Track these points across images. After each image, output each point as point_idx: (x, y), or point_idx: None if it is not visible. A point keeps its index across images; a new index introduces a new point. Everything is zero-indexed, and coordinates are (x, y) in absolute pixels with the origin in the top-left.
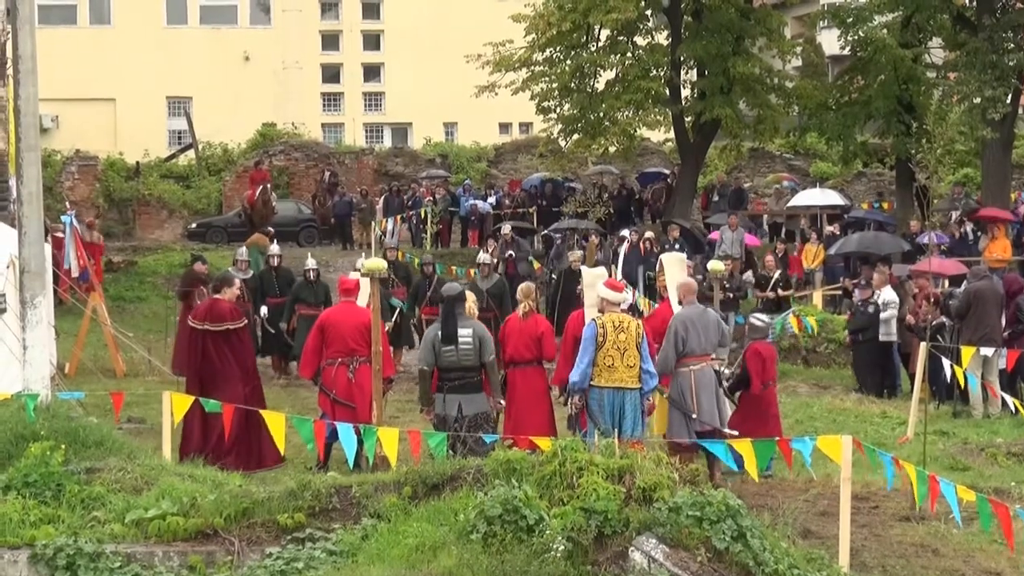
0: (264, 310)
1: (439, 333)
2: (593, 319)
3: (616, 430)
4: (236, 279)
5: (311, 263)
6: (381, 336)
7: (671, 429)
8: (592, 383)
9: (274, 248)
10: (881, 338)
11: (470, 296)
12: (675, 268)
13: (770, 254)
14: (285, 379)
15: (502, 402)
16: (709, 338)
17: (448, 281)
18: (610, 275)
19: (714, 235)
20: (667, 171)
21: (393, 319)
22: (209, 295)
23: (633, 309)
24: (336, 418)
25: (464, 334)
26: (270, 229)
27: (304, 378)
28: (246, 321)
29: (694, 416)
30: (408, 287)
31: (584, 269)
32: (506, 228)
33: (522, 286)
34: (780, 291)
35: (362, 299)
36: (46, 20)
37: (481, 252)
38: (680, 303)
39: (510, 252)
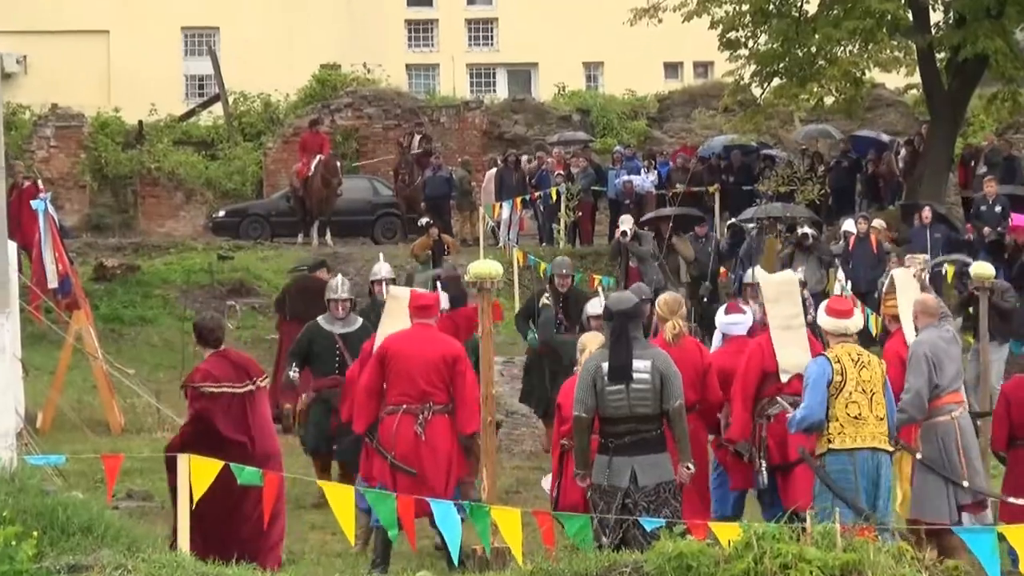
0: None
1: (603, 365)
2: (824, 354)
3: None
4: (224, 325)
5: (383, 270)
6: (487, 375)
7: (922, 503)
8: (832, 446)
9: (382, 269)
10: None
11: (597, 338)
12: (911, 287)
13: None
14: None
15: (691, 467)
16: (960, 371)
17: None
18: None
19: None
20: (887, 137)
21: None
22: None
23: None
24: (396, 491)
25: (640, 367)
26: (431, 227)
27: (356, 432)
28: (268, 379)
29: (965, 484)
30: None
31: (761, 275)
32: (626, 223)
33: (665, 298)
34: None
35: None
36: None
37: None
38: (916, 329)
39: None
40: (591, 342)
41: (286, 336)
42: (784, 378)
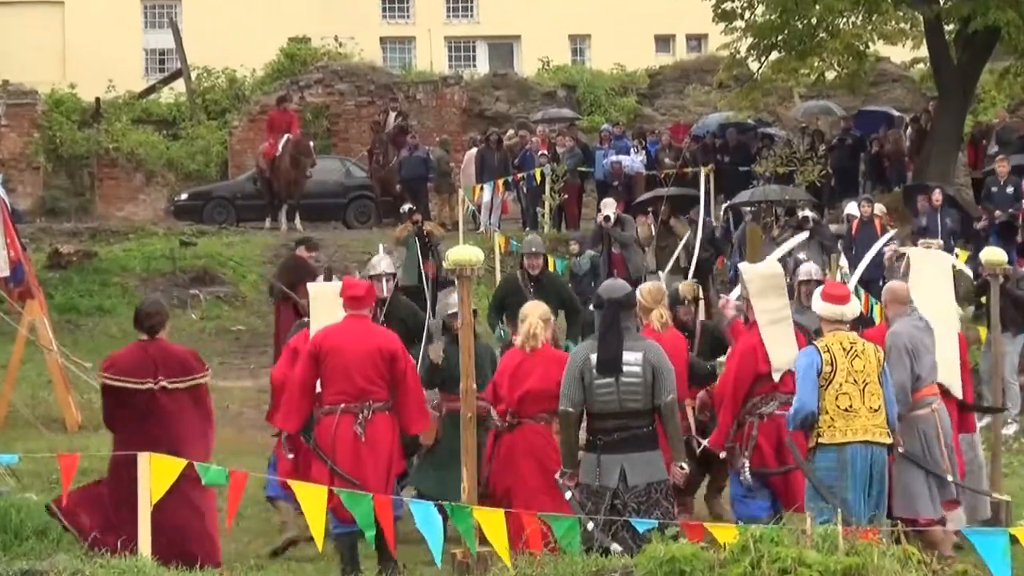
0: None
1: (592, 357)
2: (813, 344)
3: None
4: (165, 312)
5: (382, 264)
6: (468, 366)
7: (906, 499)
8: (821, 440)
9: (381, 263)
10: None
11: (539, 308)
12: (933, 270)
13: None
14: None
15: (684, 466)
16: (935, 362)
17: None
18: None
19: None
20: (895, 112)
21: None
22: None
23: (863, 322)
24: (335, 499)
25: (631, 360)
26: (413, 213)
27: (287, 431)
28: (196, 380)
29: (950, 479)
30: None
31: (744, 267)
32: (609, 207)
33: (648, 287)
34: None
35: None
36: None
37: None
38: (887, 318)
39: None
40: (532, 311)
41: (280, 319)
42: (776, 376)
